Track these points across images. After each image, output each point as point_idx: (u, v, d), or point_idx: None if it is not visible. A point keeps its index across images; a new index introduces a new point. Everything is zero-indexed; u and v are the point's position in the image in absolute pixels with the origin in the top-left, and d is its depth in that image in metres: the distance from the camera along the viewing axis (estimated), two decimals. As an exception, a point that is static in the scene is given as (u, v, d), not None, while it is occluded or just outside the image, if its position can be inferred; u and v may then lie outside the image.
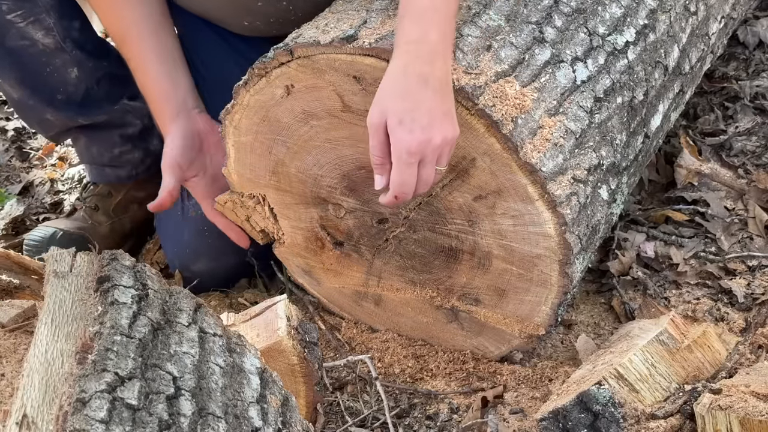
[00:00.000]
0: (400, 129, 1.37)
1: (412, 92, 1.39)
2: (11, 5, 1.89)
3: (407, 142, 1.37)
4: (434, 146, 1.39)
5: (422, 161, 1.39)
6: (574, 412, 1.40)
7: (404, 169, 1.38)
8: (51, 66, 1.98)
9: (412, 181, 1.39)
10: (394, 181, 1.39)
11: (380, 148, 1.40)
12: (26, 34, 1.92)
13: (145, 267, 1.23)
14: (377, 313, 1.83)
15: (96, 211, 2.22)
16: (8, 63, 1.97)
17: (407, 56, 1.41)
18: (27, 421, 0.96)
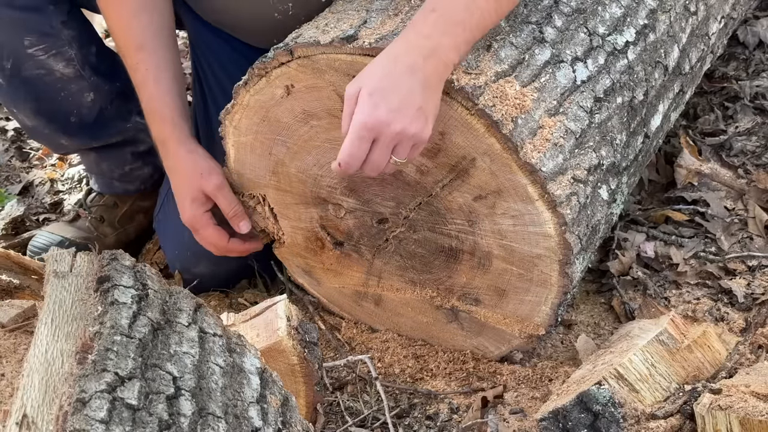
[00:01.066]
0: (366, 101, 1.36)
1: (394, 76, 1.38)
2: (34, 41, 1.88)
3: (366, 115, 1.36)
4: (392, 131, 1.37)
5: (376, 142, 1.37)
6: (574, 412, 1.40)
7: (354, 140, 1.37)
8: (66, 91, 1.97)
9: (359, 155, 1.37)
10: (343, 149, 1.38)
11: (348, 120, 1.39)
12: (44, 65, 1.92)
13: (145, 267, 1.23)
14: (377, 313, 1.83)
15: (101, 222, 2.22)
16: (23, 93, 1.96)
17: (405, 45, 1.41)
18: (27, 421, 0.96)
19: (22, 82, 1.93)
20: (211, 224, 1.75)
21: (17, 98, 1.98)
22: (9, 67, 1.91)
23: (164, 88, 1.73)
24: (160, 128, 1.74)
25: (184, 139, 1.74)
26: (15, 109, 2.03)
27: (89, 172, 2.28)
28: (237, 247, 1.79)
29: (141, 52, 1.72)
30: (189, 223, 1.75)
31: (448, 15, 1.43)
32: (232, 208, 1.74)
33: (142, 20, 1.71)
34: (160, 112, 1.73)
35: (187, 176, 1.73)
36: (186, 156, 1.73)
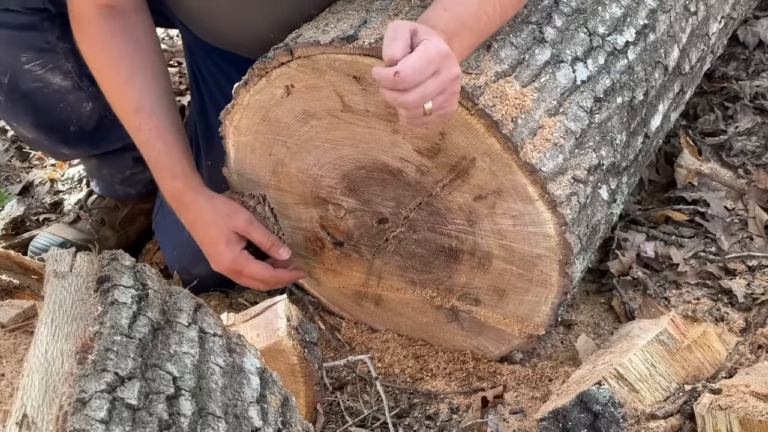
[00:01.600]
0: (437, 38, 1.32)
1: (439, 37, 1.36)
2: (31, 57, 1.88)
3: (443, 45, 1.31)
4: (455, 72, 1.33)
5: (437, 73, 1.31)
6: (574, 412, 1.40)
7: (424, 58, 1.28)
8: (64, 102, 1.97)
9: (423, 74, 1.29)
10: (408, 60, 1.28)
11: (399, 44, 1.30)
12: (42, 79, 1.91)
13: (145, 267, 1.23)
14: (377, 313, 1.83)
15: (102, 225, 2.22)
16: (22, 107, 1.95)
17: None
18: (27, 421, 0.96)
19: (20, 96, 1.92)
20: (252, 259, 1.72)
21: (16, 112, 1.97)
22: (6, 82, 1.90)
23: (170, 143, 1.70)
24: (172, 184, 1.71)
25: (200, 188, 1.71)
26: (14, 122, 2.03)
27: (90, 176, 2.28)
28: (285, 275, 1.76)
29: (140, 114, 1.70)
30: (230, 267, 1.71)
31: (458, 17, 1.43)
32: (268, 238, 1.72)
33: (136, 85, 1.69)
34: (171, 169, 1.71)
35: (214, 222, 1.70)
36: (207, 203, 1.71)
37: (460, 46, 1.43)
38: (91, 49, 1.70)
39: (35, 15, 1.85)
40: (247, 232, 1.71)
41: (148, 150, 1.71)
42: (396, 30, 1.32)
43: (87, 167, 2.27)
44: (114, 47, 1.68)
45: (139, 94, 1.69)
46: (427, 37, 1.31)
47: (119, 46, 1.68)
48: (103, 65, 1.70)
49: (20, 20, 1.84)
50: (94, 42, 1.68)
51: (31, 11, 1.84)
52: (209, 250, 1.73)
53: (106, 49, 1.68)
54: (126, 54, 1.69)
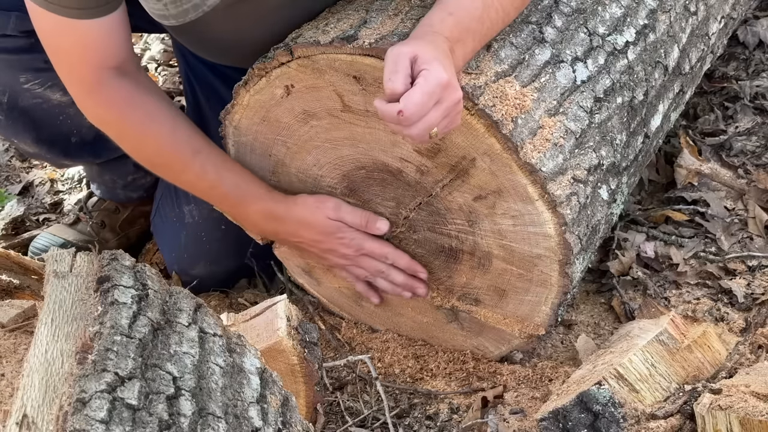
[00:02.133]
0: (436, 64, 1.32)
1: (441, 51, 1.36)
2: (29, 77, 1.87)
3: (442, 75, 1.31)
4: (456, 98, 1.34)
5: (438, 103, 1.32)
6: (574, 412, 1.40)
7: (426, 93, 1.30)
8: (64, 115, 1.96)
9: (425, 108, 1.31)
10: (410, 99, 1.29)
11: (400, 77, 1.31)
12: (41, 96, 1.90)
13: (145, 267, 1.23)
14: (377, 313, 1.83)
15: (103, 227, 2.22)
16: (22, 124, 1.95)
17: (430, 39, 1.39)
18: (27, 421, 0.96)
19: (20, 113, 1.92)
20: (367, 236, 1.66)
21: (17, 130, 1.97)
22: (6, 101, 1.90)
23: (238, 171, 1.68)
24: (261, 206, 1.68)
25: (284, 197, 1.69)
26: (15, 139, 2.03)
27: (92, 181, 2.28)
28: (402, 255, 1.68)
29: (200, 155, 1.65)
30: (352, 247, 1.66)
31: (462, 22, 1.43)
32: (362, 216, 1.66)
33: (183, 130, 1.66)
34: (253, 193, 1.68)
35: (311, 218, 1.66)
36: (297, 207, 1.67)
37: (464, 51, 1.44)
38: (117, 111, 1.63)
39: (32, 37, 1.82)
40: (339, 216, 1.66)
41: (221, 186, 1.67)
42: (396, 61, 1.33)
43: (88, 173, 2.27)
44: (146, 102, 1.63)
45: (189, 138, 1.66)
46: (427, 65, 1.32)
47: (149, 99, 1.64)
48: (142, 122, 1.64)
49: (18, 44, 1.83)
50: (118, 103, 1.62)
51: (28, 33, 1.82)
52: (322, 244, 1.67)
53: (139, 107, 1.62)
54: (159, 105, 1.64)
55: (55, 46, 1.59)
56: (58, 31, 1.55)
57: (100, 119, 1.67)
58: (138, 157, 1.73)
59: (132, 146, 1.70)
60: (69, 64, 1.61)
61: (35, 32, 1.81)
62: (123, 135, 1.68)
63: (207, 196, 1.73)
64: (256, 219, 1.71)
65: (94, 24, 1.53)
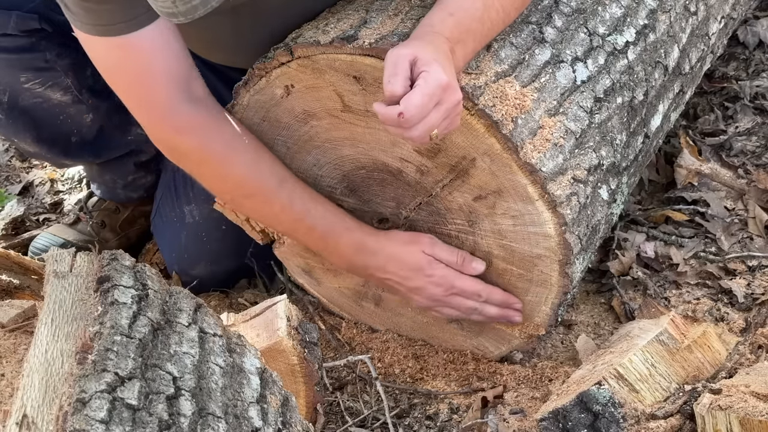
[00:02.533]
0: (436, 66, 1.32)
1: (441, 52, 1.36)
2: (30, 76, 1.87)
3: (442, 77, 1.31)
4: (456, 99, 1.34)
5: (438, 105, 1.32)
6: (574, 412, 1.40)
7: (426, 94, 1.30)
8: (64, 114, 1.96)
9: (426, 110, 1.31)
10: (410, 100, 1.29)
11: (399, 80, 1.31)
12: (42, 95, 1.90)
13: (145, 267, 1.23)
14: (377, 313, 1.83)
15: (103, 227, 2.22)
16: (22, 123, 1.94)
17: (430, 40, 1.39)
18: (27, 421, 0.96)
19: (20, 113, 1.91)
20: (459, 273, 1.61)
21: (17, 129, 1.97)
22: (6, 100, 1.90)
23: (324, 201, 1.63)
24: (352, 237, 1.63)
25: (374, 230, 1.64)
26: (15, 138, 2.03)
27: (92, 181, 2.28)
28: (496, 290, 1.63)
29: (286, 184, 1.60)
30: (445, 286, 1.60)
31: (463, 23, 1.43)
32: (458, 254, 1.61)
33: (266, 161, 1.60)
34: (343, 223, 1.63)
35: (405, 253, 1.61)
36: (388, 239, 1.62)
37: (464, 52, 1.44)
38: (197, 139, 1.56)
39: (32, 36, 1.83)
40: (434, 252, 1.61)
41: (310, 218, 1.61)
42: (395, 63, 1.33)
43: (89, 173, 2.27)
44: (225, 130, 1.58)
45: (273, 167, 1.60)
46: (426, 67, 1.32)
47: (227, 127, 1.58)
48: (224, 151, 1.57)
49: (18, 43, 1.82)
50: (196, 130, 1.56)
51: (28, 33, 1.82)
52: (412, 281, 1.62)
53: (219, 134, 1.57)
54: (237, 134, 1.59)
55: (117, 74, 1.53)
56: (116, 55, 1.49)
57: (178, 149, 1.61)
58: (220, 190, 1.67)
59: (213, 178, 1.63)
60: (138, 91, 1.55)
61: (36, 31, 1.81)
62: (203, 165, 1.61)
63: (293, 229, 1.66)
64: (346, 252, 1.64)
65: (148, 33, 1.48)
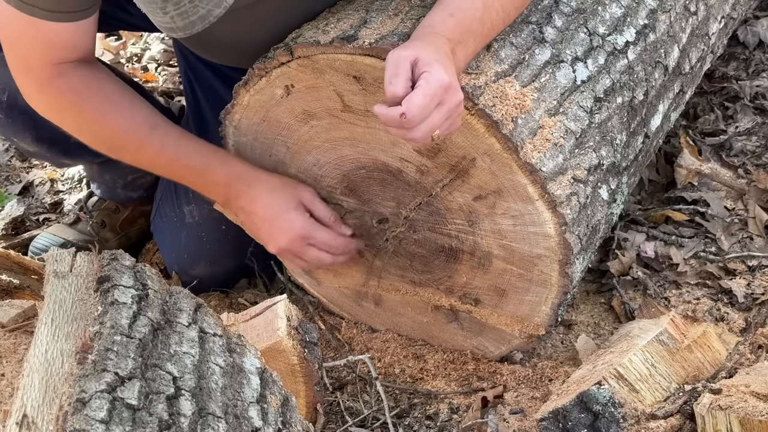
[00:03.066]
0: (438, 67, 1.32)
1: (442, 53, 1.36)
2: None
3: (444, 78, 1.32)
4: (458, 99, 1.35)
5: (440, 105, 1.33)
6: (574, 412, 1.40)
7: (428, 95, 1.30)
8: None
9: (428, 110, 1.31)
10: (413, 101, 1.30)
11: (401, 81, 1.32)
12: None
13: (145, 267, 1.23)
14: (377, 313, 1.83)
15: (103, 227, 2.22)
16: (22, 122, 1.94)
17: (431, 40, 1.39)
18: (27, 421, 0.96)
19: (20, 112, 1.91)
20: (321, 226, 1.65)
21: (16, 128, 1.97)
22: (5, 99, 1.90)
23: (200, 141, 1.67)
24: (228, 171, 1.66)
25: (254, 166, 1.67)
26: (15, 138, 2.02)
27: (92, 180, 2.28)
28: (352, 242, 1.69)
29: (158, 129, 1.65)
30: (300, 234, 1.64)
31: (464, 23, 1.43)
32: (330, 214, 1.66)
33: (141, 108, 1.66)
34: (218, 158, 1.66)
35: (281, 189, 1.64)
36: (269, 177, 1.66)
37: (465, 53, 1.44)
38: (75, 96, 1.63)
39: None
40: (312, 203, 1.65)
41: (182, 158, 1.65)
42: (396, 64, 1.33)
43: (88, 172, 2.27)
44: (103, 87, 1.64)
45: (147, 116, 1.66)
46: (428, 68, 1.32)
47: (105, 83, 1.65)
48: (100, 106, 1.64)
49: None
50: (75, 90, 1.62)
51: None
52: (273, 222, 1.64)
53: (96, 91, 1.63)
54: (115, 88, 1.66)
55: (13, 39, 1.58)
56: (24, 28, 1.54)
57: (56, 109, 1.67)
58: (97, 143, 1.72)
59: (91, 132, 1.69)
60: (28, 58, 1.60)
61: None
62: (81, 121, 1.67)
63: (170, 171, 1.71)
64: (224, 182, 1.66)
65: (66, 26, 1.54)
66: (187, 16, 1.28)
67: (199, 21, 1.29)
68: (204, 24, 1.30)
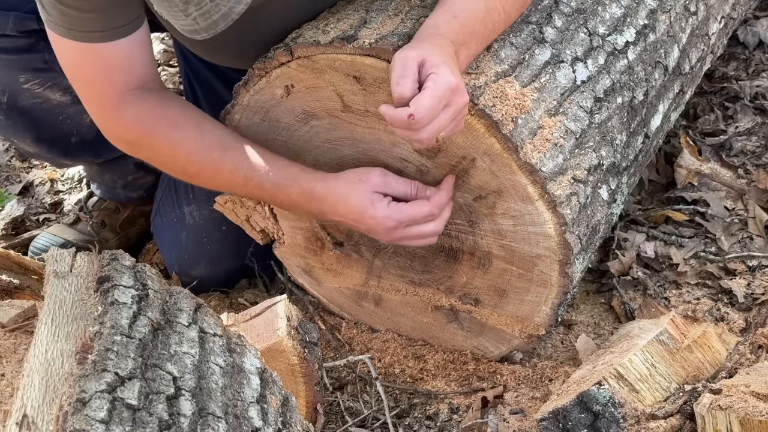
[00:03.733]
0: (445, 68, 1.32)
1: (448, 55, 1.37)
2: (29, 77, 1.86)
3: (452, 80, 1.32)
4: (464, 101, 1.35)
5: (447, 107, 1.33)
6: (574, 412, 1.40)
7: (436, 97, 1.30)
8: (64, 115, 1.96)
9: (435, 112, 1.31)
10: (420, 102, 1.29)
11: (408, 81, 1.32)
12: (41, 96, 1.90)
13: (145, 267, 1.23)
14: (377, 313, 1.83)
15: (103, 227, 2.22)
16: (22, 124, 1.94)
17: (436, 41, 1.39)
18: (27, 421, 0.96)
19: (19, 113, 1.91)
20: (404, 203, 1.55)
21: (17, 129, 1.97)
22: (5, 101, 1.90)
23: (270, 157, 1.59)
24: (298, 190, 1.57)
25: (323, 174, 1.59)
26: (15, 139, 2.03)
27: (92, 180, 2.28)
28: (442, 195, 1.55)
29: (231, 150, 1.58)
30: (389, 224, 1.53)
31: (467, 25, 1.44)
32: (409, 184, 1.56)
33: (210, 130, 1.60)
34: (289, 176, 1.58)
35: (352, 194, 1.55)
36: (336, 181, 1.57)
37: (467, 54, 1.44)
38: (143, 126, 1.58)
39: (31, 37, 1.82)
40: (387, 184, 1.55)
41: (256, 177, 1.58)
42: (404, 65, 1.33)
43: (89, 173, 2.27)
44: (169, 111, 1.59)
45: (219, 137, 1.59)
46: (435, 69, 1.32)
47: (171, 107, 1.60)
48: (167, 132, 1.58)
49: (17, 44, 1.82)
50: (142, 118, 1.57)
51: (27, 33, 1.81)
52: (362, 224, 1.56)
53: (162, 117, 1.58)
54: (181, 111, 1.60)
55: (78, 73, 1.56)
56: (82, 58, 1.51)
57: (128, 141, 1.63)
58: (174, 172, 1.68)
59: (165, 160, 1.64)
60: (93, 89, 1.57)
61: (35, 32, 1.81)
62: (153, 150, 1.62)
63: (247, 191, 1.64)
64: (300, 201, 1.59)
65: (119, 45, 1.50)
66: (209, 15, 1.27)
67: (222, 19, 1.28)
68: (227, 22, 1.28)
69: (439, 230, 1.57)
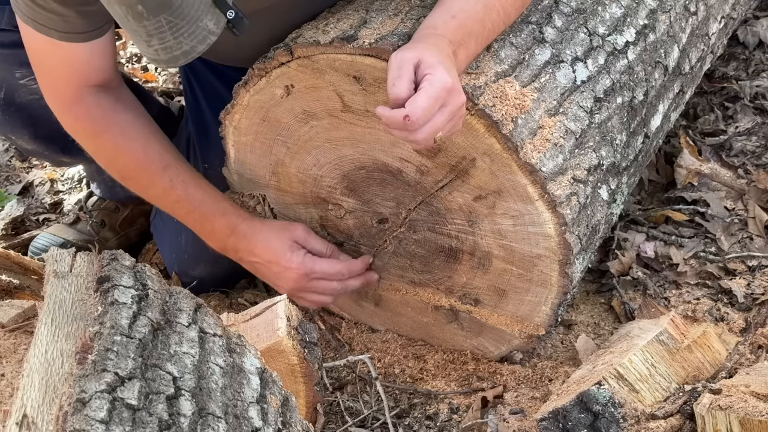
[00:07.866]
0: (441, 68, 1.33)
1: (445, 55, 1.37)
2: (25, 72, 1.87)
3: (447, 79, 1.32)
4: (460, 101, 1.36)
5: (443, 107, 1.33)
6: (574, 412, 1.40)
7: (432, 97, 1.31)
8: None
9: (431, 113, 1.32)
10: (416, 103, 1.30)
11: (404, 82, 1.32)
12: (37, 91, 1.89)
13: (145, 267, 1.23)
14: (377, 313, 1.83)
15: (103, 227, 2.22)
16: (19, 120, 1.95)
17: (433, 42, 1.40)
18: (27, 421, 0.96)
19: (17, 109, 1.92)
20: (318, 258, 1.70)
21: (14, 126, 1.97)
22: (2, 97, 1.90)
23: (205, 187, 1.72)
24: (225, 222, 1.71)
25: (250, 216, 1.74)
26: (13, 136, 2.03)
27: (91, 179, 2.28)
28: (355, 263, 1.73)
29: (169, 170, 1.69)
30: (301, 272, 1.69)
31: (466, 25, 1.44)
32: (327, 245, 1.72)
33: (155, 146, 1.70)
34: (218, 209, 1.71)
35: (275, 237, 1.70)
36: (262, 225, 1.72)
37: (466, 54, 1.44)
38: (93, 126, 1.68)
39: None
40: (307, 240, 1.71)
41: (187, 203, 1.71)
42: (399, 66, 1.34)
43: (88, 172, 2.27)
44: (122, 119, 1.68)
45: (160, 154, 1.70)
46: (431, 70, 1.32)
47: (125, 116, 1.68)
48: (115, 139, 1.68)
49: (12, 38, 1.82)
50: (94, 119, 1.67)
51: None
52: (275, 266, 1.70)
53: (114, 123, 1.67)
54: (134, 122, 1.69)
55: (40, 62, 1.63)
56: (46, 49, 1.59)
57: (76, 131, 1.72)
58: (110, 170, 1.77)
59: (104, 159, 1.75)
60: (52, 79, 1.65)
61: None
62: (97, 147, 1.72)
63: (173, 210, 1.76)
64: (220, 234, 1.73)
65: (82, 47, 1.57)
66: (170, 50, 1.30)
67: (182, 56, 1.31)
68: (187, 59, 1.32)
69: (340, 292, 1.73)
